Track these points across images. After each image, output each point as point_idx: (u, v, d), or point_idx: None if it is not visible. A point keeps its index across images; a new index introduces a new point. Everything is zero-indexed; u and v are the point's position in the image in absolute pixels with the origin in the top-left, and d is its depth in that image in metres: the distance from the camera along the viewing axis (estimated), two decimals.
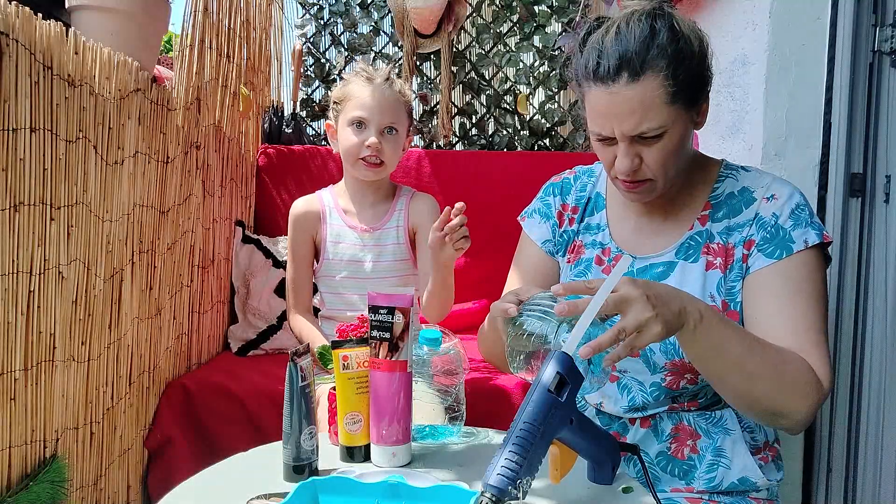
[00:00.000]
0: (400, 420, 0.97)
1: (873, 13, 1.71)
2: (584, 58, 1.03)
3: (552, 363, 0.80)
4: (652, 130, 1.00)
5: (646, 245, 1.15)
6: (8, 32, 1.12)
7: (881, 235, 1.72)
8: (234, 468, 0.99)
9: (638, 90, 0.98)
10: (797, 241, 1.04)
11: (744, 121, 1.84)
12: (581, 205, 1.23)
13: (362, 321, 1.13)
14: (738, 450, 1.09)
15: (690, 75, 1.01)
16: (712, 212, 1.11)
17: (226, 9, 2.16)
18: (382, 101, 1.62)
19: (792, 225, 1.05)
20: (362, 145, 1.61)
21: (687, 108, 1.02)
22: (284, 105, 2.80)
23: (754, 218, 1.08)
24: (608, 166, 1.08)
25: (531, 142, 2.94)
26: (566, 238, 1.23)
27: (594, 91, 1.02)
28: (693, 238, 1.11)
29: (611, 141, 1.04)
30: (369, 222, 1.70)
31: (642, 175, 1.04)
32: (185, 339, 1.99)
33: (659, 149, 1.02)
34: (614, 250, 1.17)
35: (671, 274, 1.11)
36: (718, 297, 1.07)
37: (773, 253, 1.05)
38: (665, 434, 1.12)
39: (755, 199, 1.09)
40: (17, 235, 1.18)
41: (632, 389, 1.13)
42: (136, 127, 1.60)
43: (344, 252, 1.69)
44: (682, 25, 1.01)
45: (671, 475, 1.11)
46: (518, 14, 2.91)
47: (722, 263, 1.08)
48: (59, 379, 1.33)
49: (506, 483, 0.73)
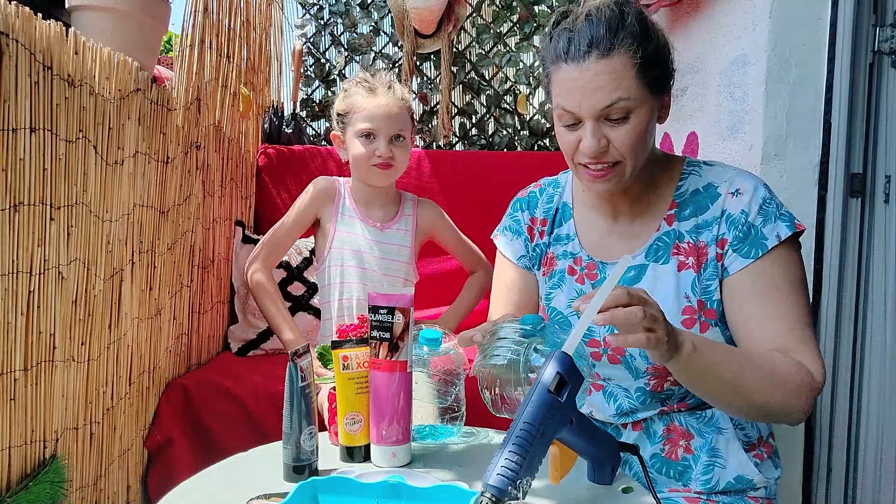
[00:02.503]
0: (400, 420, 0.97)
1: (873, 13, 1.71)
2: (553, 42, 1.04)
3: (552, 363, 0.80)
4: (621, 103, 0.99)
5: (615, 250, 1.15)
6: (8, 32, 1.12)
7: (881, 235, 1.72)
8: (234, 468, 0.99)
9: (608, 64, 0.99)
10: (769, 236, 1.04)
11: (744, 121, 1.84)
12: (549, 216, 1.23)
13: (362, 321, 1.14)
14: (733, 448, 1.09)
15: (657, 58, 1.03)
16: (678, 210, 1.11)
17: (226, 9, 2.16)
18: (388, 111, 1.66)
19: (762, 221, 1.05)
20: (373, 155, 1.67)
21: (653, 93, 1.03)
22: (284, 105, 2.80)
23: (721, 214, 1.07)
24: (572, 152, 1.06)
25: (531, 142, 2.94)
26: (539, 251, 1.24)
27: (563, 69, 1.02)
28: (661, 239, 1.11)
29: (576, 124, 1.03)
30: (379, 221, 1.77)
31: (610, 157, 1.03)
32: (185, 339, 1.98)
33: (626, 130, 1.01)
34: (585, 259, 1.17)
35: (643, 277, 1.11)
36: (693, 296, 1.07)
37: (749, 252, 1.04)
38: (657, 436, 1.12)
39: (720, 195, 1.09)
40: (17, 235, 1.17)
41: (618, 396, 1.14)
42: (136, 127, 1.60)
43: (352, 241, 1.74)
44: (648, 15, 1.04)
45: (667, 477, 1.11)
46: (518, 14, 2.91)
47: (694, 263, 1.08)
48: (59, 379, 1.33)
49: (506, 483, 0.73)
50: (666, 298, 1.07)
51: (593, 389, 1.16)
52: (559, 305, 1.19)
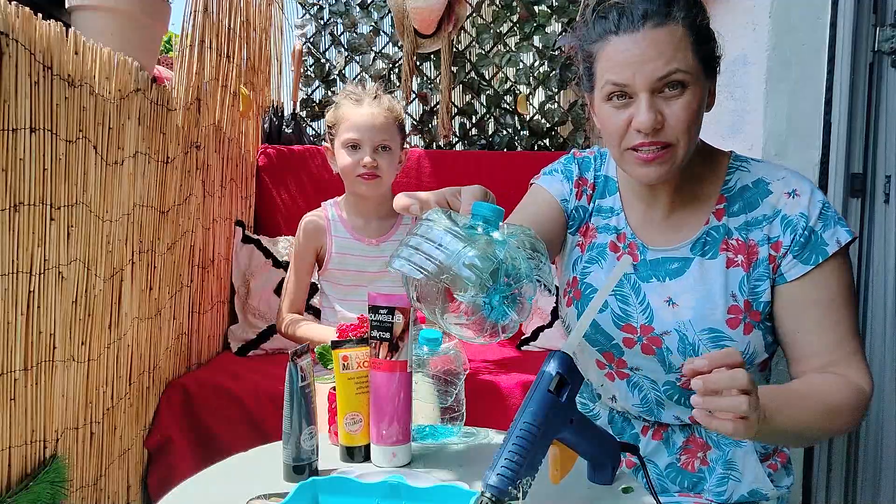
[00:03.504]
0: (400, 420, 0.97)
1: (873, 13, 1.71)
2: (596, 20, 0.98)
3: (552, 363, 0.80)
4: (678, 74, 0.93)
5: (658, 238, 1.08)
6: (8, 32, 1.12)
7: (881, 235, 1.72)
8: (234, 468, 0.99)
9: (666, 31, 0.93)
10: (830, 242, 1.00)
11: (744, 121, 1.84)
12: (598, 184, 1.15)
13: (362, 321, 1.13)
14: (750, 462, 1.07)
15: (710, 36, 0.98)
16: (727, 205, 1.05)
17: (226, 9, 2.16)
18: (372, 121, 1.69)
19: (822, 226, 1.00)
20: (358, 165, 1.69)
21: (704, 71, 0.97)
22: (284, 105, 2.80)
23: (776, 215, 1.02)
24: (620, 135, 0.98)
25: (531, 142, 2.94)
26: (580, 215, 1.15)
27: (613, 42, 0.96)
28: (709, 233, 1.05)
29: (628, 100, 0.96)
30: (375, 235, 1.77)
31: (664, 136, 0.95)
32: (185, 339, 1.98)
33: (681, 106, 0.94)
34: (629, 236, 1.10)
35: (687, 270, 1.05)
36: (741, 296, 1.02)
37: (810, 259, 1.00)
38: (676, 446, 1.09)
39: (771, 192, 1.03)
40: (17, 235, 1.18)
41: (643, 387, 1.09)
42: (136, 127, 1.60)
43: (350, 263, 1.75)
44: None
45: (680, 487, 1.09)
46: (518, 14, 2.91)
47: (744, 261, 1.03)
48: (59, 379, 1.33)
49: (506, 483, 0.73)
50: (712, 296, 1.03)
51: (617, 377, 1.11)
52: (596, 282, 1.10)
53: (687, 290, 1.04)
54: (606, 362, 1.11)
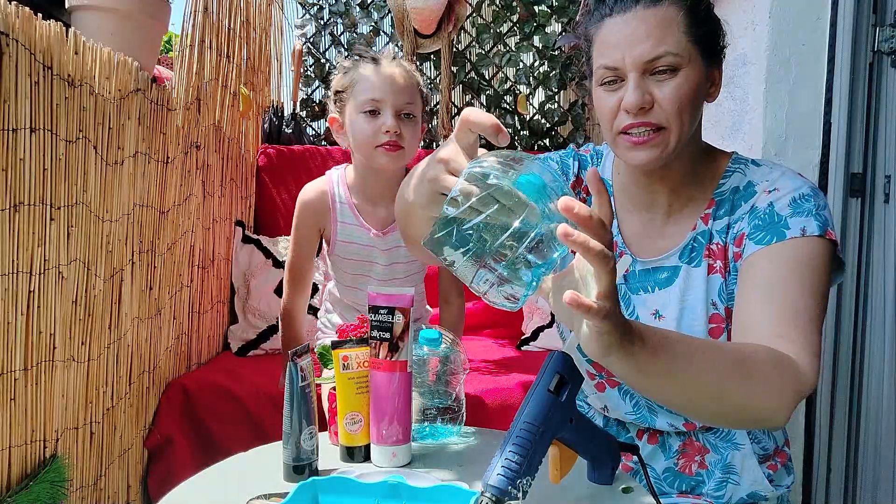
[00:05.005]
0: (400, 420, 0.97)
1: (873, 13, 1.71)
2: (598, 5, 0.97)
3: (552, 363, 0.80)
4: (668, 57, 0.91)
5: (650, 248, 1.06)
6: (8, 32, 1.12)
7: (881, 235, 1.72)
8: (234, 468, 0.99)
9: (655, 12, 0.92)
10: (793, 227, 0.92)
11: (744, 121, 1.84)
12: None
13: (362, 321, 1.13)
14: (749, 465, 1.05)
15: (707, 15, 0.95)
16: (715, 209, 1.02)
17: (226, 9, 2.16)
18: (394, 81, 1.47)
19: (790, 213, 0.93)
20: (379, 131, 1.46)
21: (703, 55, 0.94)
22: (284, 105, 2.80)
23: (749, 211, 0.98)
24: (612, 117, 0.95)
25: (531, 142, 2.94)
26: None
27: (606, 24, 0.95)
28: (696, 239, 1.02)
29: (618, 83, 0.94)
30: (382, 225, 1.61)
31: (653, 117, 0.93)
32: (185, 339, 1.98)
33: (672, 87, 0.92)
34: (620, 245, 1.07)
35: (675, 280, 1.03)
36: (721, 303, 1.00)
37: (764, 239, 0.93)
38: (673, 450, 1.09)
39: (756, 193, 0.99)
40: (17, 235, 1.18)
41: (635, 394, 1.08)
42: (136, 127, 1.60)
43: (355, 252, 1.63)
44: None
45: (678, 490, 1.09)
46: (518, 14, 2.91)
47: (722, 267, 1.00)
48: (59, 379, 1.33)
49: (506, 483, 0.73)
50: (696, 305, 1.00)
51: (608, 385, 1.09)
52: None
53: (672, 301, 1.03)
54: (596, 372, 1.10)
